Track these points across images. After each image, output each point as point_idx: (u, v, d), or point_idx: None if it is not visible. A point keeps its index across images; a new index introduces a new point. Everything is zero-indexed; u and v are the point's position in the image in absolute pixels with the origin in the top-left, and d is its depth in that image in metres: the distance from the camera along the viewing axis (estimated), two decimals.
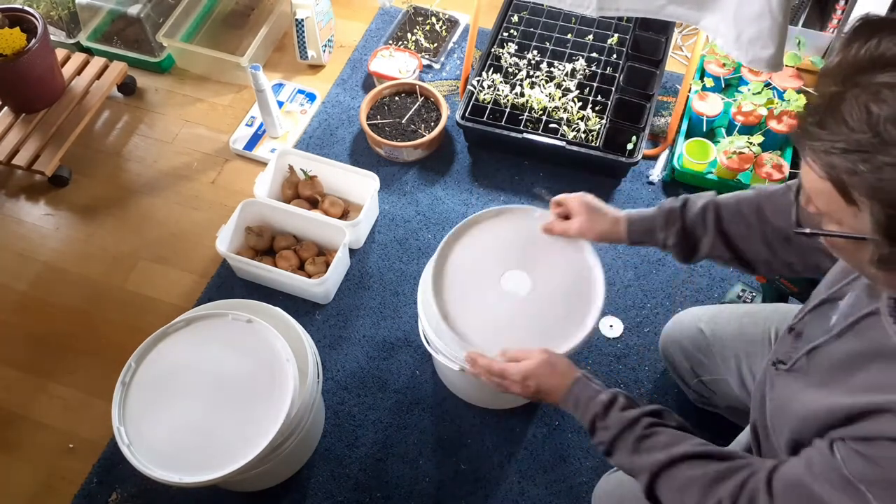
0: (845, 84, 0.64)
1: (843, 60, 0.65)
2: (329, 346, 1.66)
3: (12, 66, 1.82)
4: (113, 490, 1.51)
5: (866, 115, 0.61)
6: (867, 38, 0.64)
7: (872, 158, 0.61)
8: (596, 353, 1.63)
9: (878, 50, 0.63)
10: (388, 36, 2.18)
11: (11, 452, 1.58)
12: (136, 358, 1.31)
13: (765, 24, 1.43)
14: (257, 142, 1.99)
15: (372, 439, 1.55)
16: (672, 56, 2.11)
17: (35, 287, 1.80)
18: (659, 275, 1.73)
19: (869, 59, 0.63)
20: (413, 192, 1.89)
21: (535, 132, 1.81)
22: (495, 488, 1.49)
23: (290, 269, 1.69)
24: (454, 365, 1.33)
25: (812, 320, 0.92)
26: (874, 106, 0.61)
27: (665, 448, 0.89)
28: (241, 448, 1.21)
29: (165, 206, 1.92)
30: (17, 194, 1.97)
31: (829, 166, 0.65)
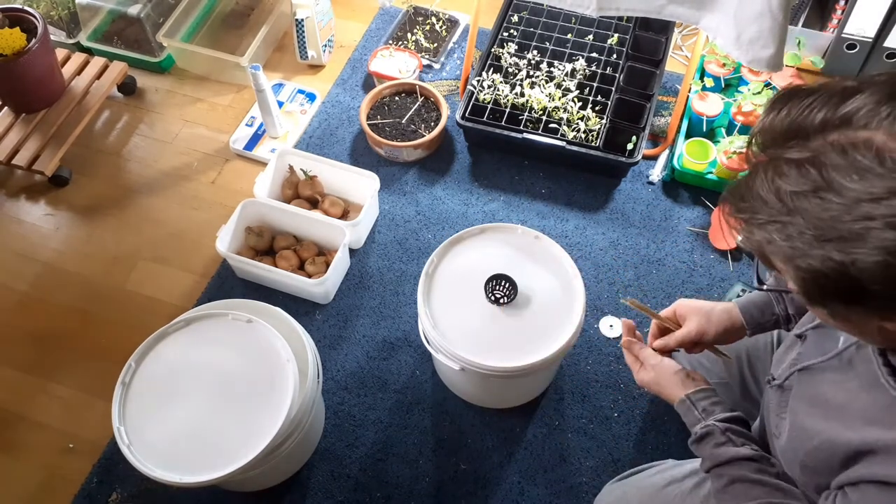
0: (757, 157, 0.68)
1: (760, 130, 0.68)
2: (329, 346, 1.66)
3: (12, 66, 1.82)
4: (113, 490, 1.51)
5: (775, 189, 0.64)
6: (780, 107, 0.67)
7: (784, 228, 0.64)
8: (596, 352, 1.63)
9: (785, 121, 0.66)
10: (388, 36, 2.18)
11: (11, 452, 1.58)
12: (137, 358, 1.31)
13: (765, 23, 1.43)
14: (257, 142, 1.99)
15: (372, 439, 1.55)
16: (672, 56, 2.11)
17: (35, 287, 1.81)
18: (659, 275, 1.73)
19: (778, 130, 0.66)
20: (413, 192, 1.89)
21: (535, 132, 1.81)
22: (495, 488, 1.49)
23: (290, 269, 1.69)
24: (454, 364, 1.33)
25: (816, 336, 0.91)
26: (779, 180, 0.64)
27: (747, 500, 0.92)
28: (241, 448, 1.22)
29: (165, 206, 1.92)
30: (17, 194, 1.97)
31: (747, 238, 0.69)
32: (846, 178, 0.60)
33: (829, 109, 0.63)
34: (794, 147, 0.64)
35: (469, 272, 1.41)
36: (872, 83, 0.63)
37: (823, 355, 0.86)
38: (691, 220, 1.82)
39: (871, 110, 0.61)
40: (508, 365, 1.30)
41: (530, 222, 1.83)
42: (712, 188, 1.84)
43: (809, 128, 0.64)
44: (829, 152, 0.62)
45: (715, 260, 1.75)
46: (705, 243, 1.78)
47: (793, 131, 0.65)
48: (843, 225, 0.60)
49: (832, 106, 0.63)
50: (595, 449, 1.52)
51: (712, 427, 0.98)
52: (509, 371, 1.30)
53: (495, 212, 1.85)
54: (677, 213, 1.83)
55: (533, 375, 1.40)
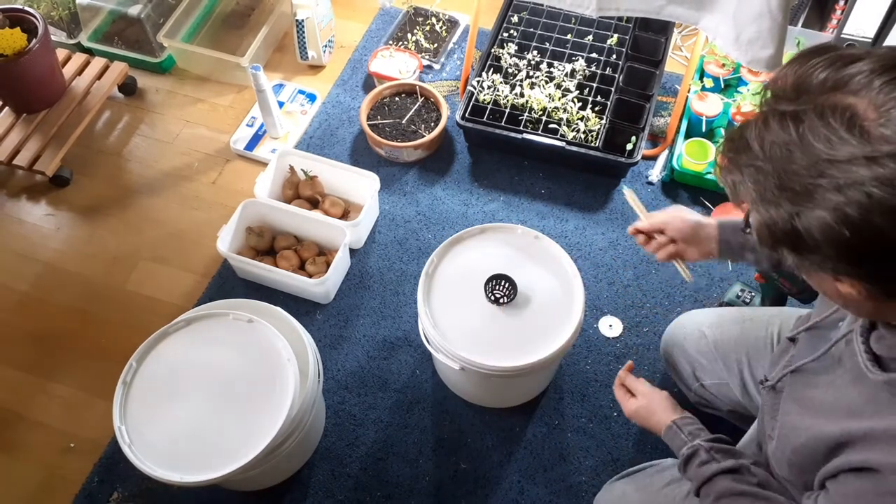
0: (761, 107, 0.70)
1: (772, 81, 0.70)
2: (329, 346, 1.67)
3: (13, 67, 1.82)
4: (114, 489, 1.51)
5: (758, 136, 0.67)
6: (796, 63, 0.68)
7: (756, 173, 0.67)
8: (595, 352, 1.64)
9: (791, 77, 0.67)
10: (389, 36, 2.18)
11: (12, 452, 1.58)
12: (137, 357, 1.31)
13: (764, 24, 1.43)
14: (258, 142, 2.00)
15: (372, 439, 1.55)
16: (672, 56, 2.11)
17: (36, 287, 1.81)
18: (658, 275, 1.74)
19: (785, 84, 0.68)
20: (413, 192, 1.90)
21: (535, 132, 1.82)
22: (495, 488, 1.49)
23: (290, 269, 1.69)
24: (454, 364, 1.33)
25: (809, 338, 0.93)
26: (764, 129, 0.67)
27: None
28: (241, 447, 1.22)
29: (166, 206, 1.92)
30: (18, 194, 1.97)
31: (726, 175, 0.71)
32: (815, 138, 0.62)
33: (830, 72, 0.64)
34: (790, 101, 0.66)
35: (469, 272, 1.41)
36: (874, 54, 0.64)
37: (814, 354, 0.87)
38: None
39: (865, 79, 0.62)
40: (508, 365, 1.30)
41: (530, 222, 1.83)
42: (712, 188, 1.85)
43: (810, 85, 0.65)
44: (811, 111, 0.63)
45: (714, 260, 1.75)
46: None
47: (795, 87, 0.66)
48: (799, 179, 0.63)
49: (834, 69, 0.64)
50: (595, 448, 1.52)
51: (697, 446, 1.02)
52: (509, 371, 1.30)
53: (495, 212, 1.86)
54: None
55: (533, 375, 1.40)
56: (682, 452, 1.04)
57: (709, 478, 0.98)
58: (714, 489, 0.97)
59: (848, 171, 0.60)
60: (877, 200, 0.59)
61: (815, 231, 0.63)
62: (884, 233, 0.60)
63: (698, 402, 1.42)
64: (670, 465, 1.24)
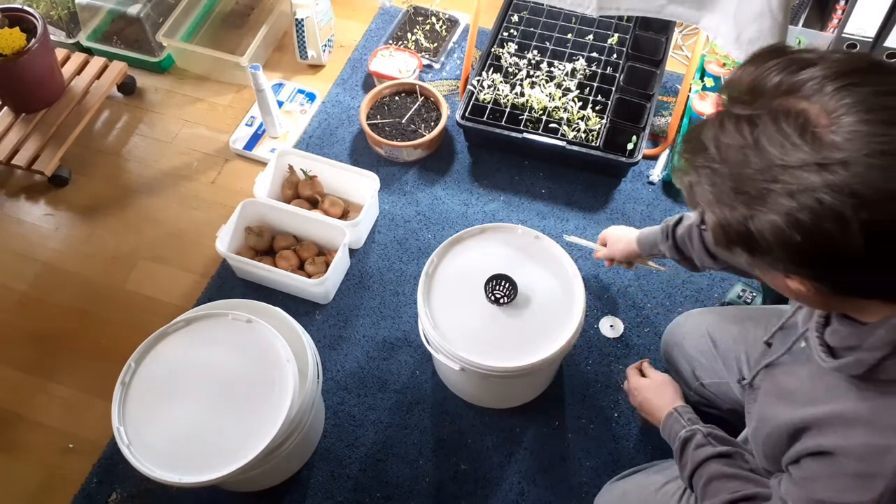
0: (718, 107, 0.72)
1: (728, 82, 0.71)
2: (329, 346, 1.66)
3: (12, 66, 1.82)
4: (113, 490, 1.51)
5: (714, 138, 0.68)
6: (751, 64, 0.69)
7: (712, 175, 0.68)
8: (596, 352, 1.63)
9: (747, 78, 0.68)
10: (388, 36, 2.18)
11: (11, 452, 1.58)
12: (136, 358, 1.31)
13: (765, 23, 1.43)
14: (257, 142, 1.99)
15: (372, 439, 1.55)
16: (672, 56, 2.11)
17: (35, 287, 1.80)
18: (659, 275, 1.73)
19: (740, 85, 0.69)
20: (413, 192, 1.89)
21: (535, 132, 1.81)
22: (495, 489, 1.49)
23: (290, 269, 1.69)
24: (454, 364, 1.33)
25: (781, 336, 0.98)
26: (720, 131, 0.68)
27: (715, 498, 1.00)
28: (241, 448, 1.21)
29: (165, 206, 1.92)
30: (16, 194, 1.97)
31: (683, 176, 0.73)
32: (769, 142, 0.63)
33: (784, 75, 0.65)
34: (744, 104, 0.67)
35: (469, 272, 1.41)
36: (827, 59, 0.65)
37: (782, 350, 0.93)
38: None
39: (818, 84, 0.63)
40: (508, 365, 1.30)
41: (530, 222, 1.83)
42: None
43: (764, 88, 0.66)
44: (765, 115, 0.64)
45: None
46: None
47: (750, 90, 0.67)
48: (754, 184, 0.64)
49: (788, 73, 0.65)
50: (595, 449, 1.52)
51: (695, 430, 1.07)
52: (509, 371, 1.30)
53: (495, 212, 1.85)
54: (677, 213, 1.83)
55: (533, 375, 1.40)
56: (679, 436, 1.09)
57: (702, 461, 1.02)
58: (706, 472, 1.01)
59: (800, 177, 0.61)
60: (827, 207, 0.60)
61: (768, 234, 0.64)
62: (833, 238, 0.61)
63: (698, 401, 1.42)
64: (670, 464, 1.24)
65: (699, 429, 1.08)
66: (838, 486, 0.74)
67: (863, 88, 0.61)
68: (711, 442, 1.05)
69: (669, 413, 1.15)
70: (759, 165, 0.63)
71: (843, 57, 0.64)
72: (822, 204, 0.60)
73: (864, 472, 0.71)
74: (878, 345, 0.70)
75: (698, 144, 0.69)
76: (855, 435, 0.73)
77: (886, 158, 0.59)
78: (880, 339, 0.70)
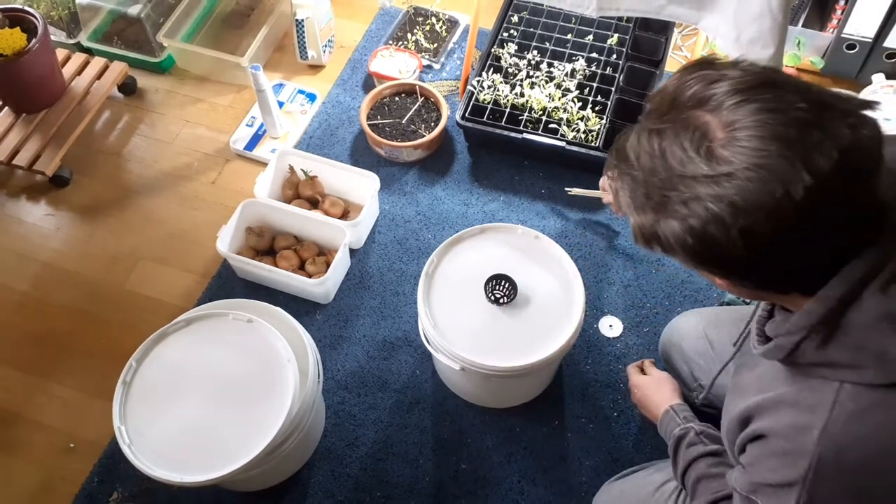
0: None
1: (652, 95, 0.75)
2: (329, 346, 1.66)
3: (13, 67, 1.82)
4: (114, 490, 1.51)
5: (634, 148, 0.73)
6: (676, 76, 0.72)
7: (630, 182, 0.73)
8: (596, 352, 1.63)
9: (668, 90, 0.72)
10: (388, 36, 2.18)
11: (11, 452, 1.58)
12: (137, 358, 1.31)
13: (765, 24, 1.43)
14: (258, 142, 1.99)
15: (372, 439, 1.55)
16: (672, 56, 2.11)
17: (35, 287, 1.81)
18: (659, 275, 1.74)
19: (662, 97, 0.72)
20: (413, 192, 1.90)
21: (535, 132, 1.81)
22: (495, 488, 1.49)
23: (290, 269, 1.69)
24: (454, 364, 1.33)
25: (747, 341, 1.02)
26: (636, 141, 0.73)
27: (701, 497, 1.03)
28: (241, 448, 1.22)
29: (166, 206, 1.92)
30: (17, 194, 1.97)
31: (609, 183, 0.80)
32: (671, 154, 0.68)
33: (699, 87, 0.69)
34: (660, 115, 0.71)
35: (469, 272, 1.41)
36: (738, 71, 0.69)
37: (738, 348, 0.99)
38: None
39: (723, 97, 0.67)
40: (508, 365, 1.30)
41: (530, 222, 1.83)
42: None
43: (680, 100, 0.70)
44: (670, 128, 0.69)
45: None
46: None
47: (670, 100, 0.71)
48: (659, 191, 0.69)
49: (703, 86, 0.69)
50: (595, 449, 1.52)
51: (689, 428, 1.10)
52: (509, 371, 1.30)
53: (495, 212, 1.86)
54: None
55: (533, 375, 1.40)
56: (674, 434, 1.11)
57: (692, 459, 1.05)
58: (694, 471, 1.04)
59: (693, 187, 0.66)
60: (711, 214, 0.66)
61: (671, 238, 0.70)
62: (718, 242, 0.67)
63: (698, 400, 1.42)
64: (667, 464, 1.24)
65: (693, 427, 1.10)
66: (771, 467, 0.77)
67: (754, 105, 0.65)
68: (703, 440, 1.07)
69: (666, 411, 1.17)
70: (663, 175, 0.69)
71: (748, 70, 0.68)
72: (707, 211, 0.66)
73: (789, 450, 0.75)
74: (793, 330, 0.74)
75: (622, 153, 0.74)
76: (783, 416, 0.76)
77: (762, 172, 0.63)
78: (795, 325, 0.73)
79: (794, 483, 0.74)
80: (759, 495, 0.80)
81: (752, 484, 0.81)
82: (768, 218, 0.64)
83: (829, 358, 0.72)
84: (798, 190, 0.63)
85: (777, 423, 0.77)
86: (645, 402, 1.25)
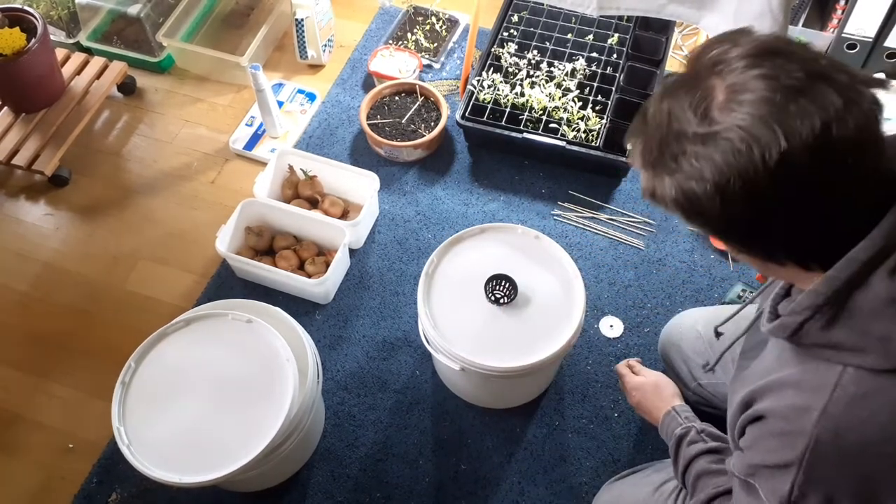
0: None
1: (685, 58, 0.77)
2: (329, 346, 1.66)
3: (12, 66, 1.82)
4: (113, 490, 1.51)
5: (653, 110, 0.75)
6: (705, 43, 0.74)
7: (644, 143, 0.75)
8: (596, 352, 1.63)
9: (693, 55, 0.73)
10: (388, 36, 2.18)
11: (11, 452, 1.58)
12: (136, 358, 1.31)
13: (765, 23, 1.43)
14: (257, 142, 1.99)
15: (372, 439, 1.55)
16: (672, 56, 2.11)
17: (35, 287, 1.80)
18: (659, 275, 1.73)
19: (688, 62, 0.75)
20: (413, 192, 1.89)
21: (535, 132, 1.81)
22: (495, 488, 1.49)
23: (289, 269, 1.69)
24: (454, 365, 1.33)
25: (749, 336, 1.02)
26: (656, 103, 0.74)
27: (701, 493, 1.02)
28: (241, 448, 1.21)
29: (165, 206, 1.92)
30: (16, 194, 1.97)
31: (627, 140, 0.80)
32: (674, 113, 0.70)
33: (716, 53, 0.70)
34: (679, 78, 0.73)
35: (469, 272, 1.41)
36: (752, 38, 0.70)
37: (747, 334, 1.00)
38: None
39: (733, 61, 0.68)
40: (508, 365, 1.30)
41: (530, 222, 1.83)
42: None
43: (699, 64, 0.71)
44: (684, 90, 0.70)
45: (715, 260, 1.75)
46: (705, 243, 1.77)
47: (691, 65, 0.73)
48: (657, 148, 0.71)
49: (720, 52, 0.70)
50: (595, 449, 1.52)
51: (690, 427, 1.10)
52: (509, 371, 1.30)
53: (495, 212, 1.85)
54: None
55: (533, 375, 1.40)
56: (675, 433, 1.11)
57: (693, 457, 1.04)
58: (695, 468, 1.03)
59: (683, 144, 0.69)
60: (695, 171, 0.68)
61: (664, 193, 0.73)
62: (699, 199, 0.69)
63: (697, 400, 1.42)
64: (667, 464, 1.24)
65: (694, 426, 1.10)
66: (768, 448, 0.77)
67: (756, 70, 0.66)
68: (704, 438, 1.07)
69: (668, 412, 1.17)
70: (664, 132, 0.71)
71: (763, 39, 0.69)
72: (692, 167, 0.68)
73: (787, 430, 0.74)
74: (798, 309, 0.73)
75: (644, 113, 0.76)
76: (784, 397, 0.76)
77: (741, 133, 0.65)
78: (801, 304, 0.73)
79: (790, 464, 0.73)
80: (757, 478, 0.79)
81: (751, 466, 0.80)
82: (742, 178, 0.65)
83: (833, 340, 0.72)
84: (773, 154, 0.64)
85: (778, 404, 0.77)
86: (645, 405, 1.24)
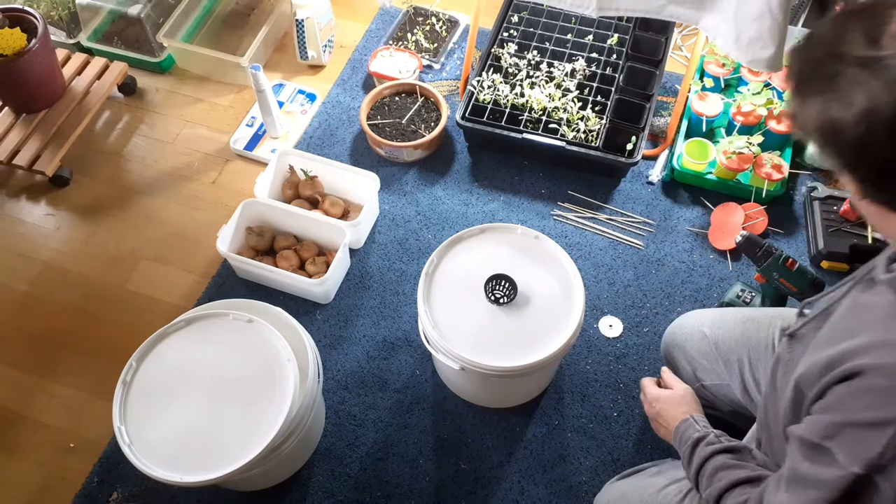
0: None
1: None
2: (329, 346, 1.67)
3: (13, 66, 1.82)
4: (113, 490, 1.51)
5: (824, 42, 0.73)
6: None
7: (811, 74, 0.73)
8: (595, 352, 1.64)
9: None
10: (389, 36, 2.18)
11: (12, 452, 1.58)
12: (137, 357, 1.31)
13: (765, 24, 1.43)
14: (258, 142, 1.99)
15: (372, 439, 1.55)
16: (672, 56, 2.11)
17: (36, 287, 1.81)
18: (658, 275, 1.74)
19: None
20: (413, 192, 1.90)
21: (535, 132, 1.81)
22: (495, 488, 1.49)
23: (290, 269, 1.69)
24: (454, 364, 1.33)
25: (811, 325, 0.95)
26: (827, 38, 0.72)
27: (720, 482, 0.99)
28: (241, 447, 1.22)
29: (166, 206, 1.92)
30: (17, 194, 1.97)
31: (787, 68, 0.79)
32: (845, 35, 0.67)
33: None
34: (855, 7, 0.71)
35: (469, 272, 1.41)
36: None
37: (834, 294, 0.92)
38: (691, 220, 1.82)
39: None
40: (508, 365, 1.30)
41: (530, 222, 1.83)
42: (712, 188, 1.85)
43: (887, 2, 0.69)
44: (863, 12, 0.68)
45: (714, 260, 1.75)
46: (705, 243, 1.78)
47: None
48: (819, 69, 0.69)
49: None
50: (595, 448, 1.52)
51: (708, 431, 1.05)
52: (509, 371, 1.30)
53: (495, 212, 1.86)
54: (677, 213, 1.83)
55: (533, 375, 1.40)
56: (692, 437, 1.07)
57: (710, 455, 1.01)
58: (712, 464, 1.00)
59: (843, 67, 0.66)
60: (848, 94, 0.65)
61: (808, 119, 0.70)
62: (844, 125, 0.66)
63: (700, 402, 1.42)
64: (670, 466, 1.24)
65: (711, 431, 1.07)
66: (865, 404, 0.73)
67: None
68: (721, 441, 1.04)
69: (685, 419, 1.12)
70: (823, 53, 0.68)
71: None
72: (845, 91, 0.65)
73: (890, 387, 0.71)
74: None
75: (809, 35, 0.74)
76: (888, 354, 0.72)
77: None
78: None
79: (889, 422, 0.70)
80: (839, 438, 0.75)
81: (833, 425, 0.76)
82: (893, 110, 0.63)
83: None
84: None
85: (879, 360, 0.72)
86: (664, 416, 1.18)
